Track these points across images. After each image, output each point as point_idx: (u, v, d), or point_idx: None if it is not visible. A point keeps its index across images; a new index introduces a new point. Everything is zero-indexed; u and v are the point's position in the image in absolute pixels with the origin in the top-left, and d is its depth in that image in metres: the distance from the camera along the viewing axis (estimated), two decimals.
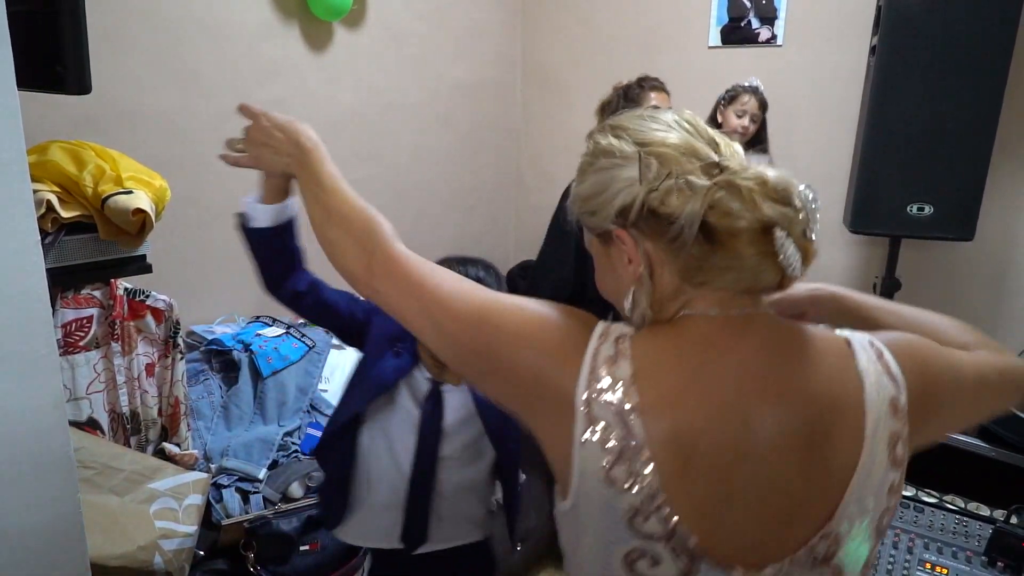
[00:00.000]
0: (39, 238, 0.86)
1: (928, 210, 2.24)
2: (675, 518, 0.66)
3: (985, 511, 1.44)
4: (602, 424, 0.66)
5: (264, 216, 1.18)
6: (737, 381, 0.69)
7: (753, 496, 0.68)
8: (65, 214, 1.48)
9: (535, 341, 0.71)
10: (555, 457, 0.71)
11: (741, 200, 0.68)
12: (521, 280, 3.18)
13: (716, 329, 0.70)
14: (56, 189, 1.49)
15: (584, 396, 0.67)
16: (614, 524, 0.67)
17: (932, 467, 2.11)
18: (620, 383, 0.67)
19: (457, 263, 1.28)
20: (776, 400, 0.69)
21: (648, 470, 0.65)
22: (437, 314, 0.77)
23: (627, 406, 0.66)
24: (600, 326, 0.73)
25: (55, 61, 0.96)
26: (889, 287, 2.47)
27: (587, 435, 0.67)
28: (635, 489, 0.65)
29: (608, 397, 0.67)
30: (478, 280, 1.20)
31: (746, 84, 2.54)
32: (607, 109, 2.27)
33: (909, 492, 1.50)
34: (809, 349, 0.72)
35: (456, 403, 1.37)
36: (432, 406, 1.35)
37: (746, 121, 2.52)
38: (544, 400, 0.70)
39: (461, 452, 1.39)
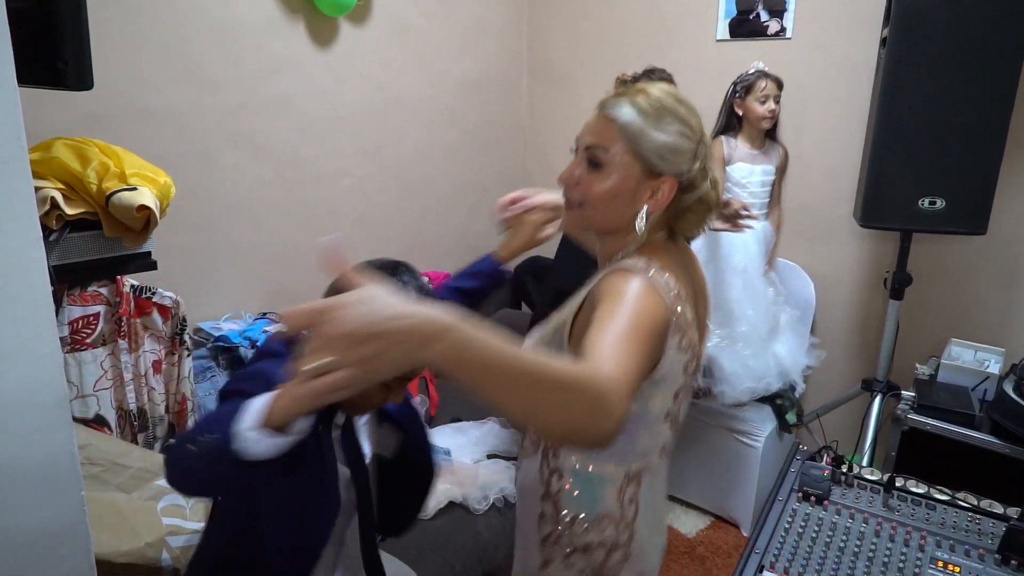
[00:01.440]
0: (41, 235, 0.85)
1: (940, 204, 2.21)
2: (698, 358, 1.11)
3: (999, 508, 1.42)
4: (677, 317, 1.02)
5: (269, 448, 0.87)
6: (697, 275, 1.17)
7: (704, 336, 1.18)
8: (70, 211, 1.48)
9: (657, 306, 0.98)
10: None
11: (716, 188, 1.11)
12: (530, 277, 3.16)
13: (675, 248, 1.13)
14: (60, 186, 1.49)
15: (671, 304, 1.01)
16: (677, 374, 1.05)
17: (944, 464, 2.09)
18: (673, 288, 1.03)
19: (388, 269, 1.14)
20: (703, 282, 1.20)
21: (694, 334, 1.07)
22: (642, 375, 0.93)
23: (682, 298, 1.04)
24: (642, 264, 1.03)
25: (56, 57, 0.96)
26: (900, 281, 2.45)
27: (674, 327, 1.01)
28: (689, 349, 1.05)
29: (675, 295, 1.02)
30: (418, 289, 1.15)
31: (752, 71, 2.51)
32: None
33: (921, 489, 1.48)
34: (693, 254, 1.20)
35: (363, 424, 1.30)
36: (354, 449, 1.24)
37: (772, 105, 2.49)
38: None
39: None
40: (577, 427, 0.71)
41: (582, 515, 1.14)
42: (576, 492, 1.14)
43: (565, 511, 1.14)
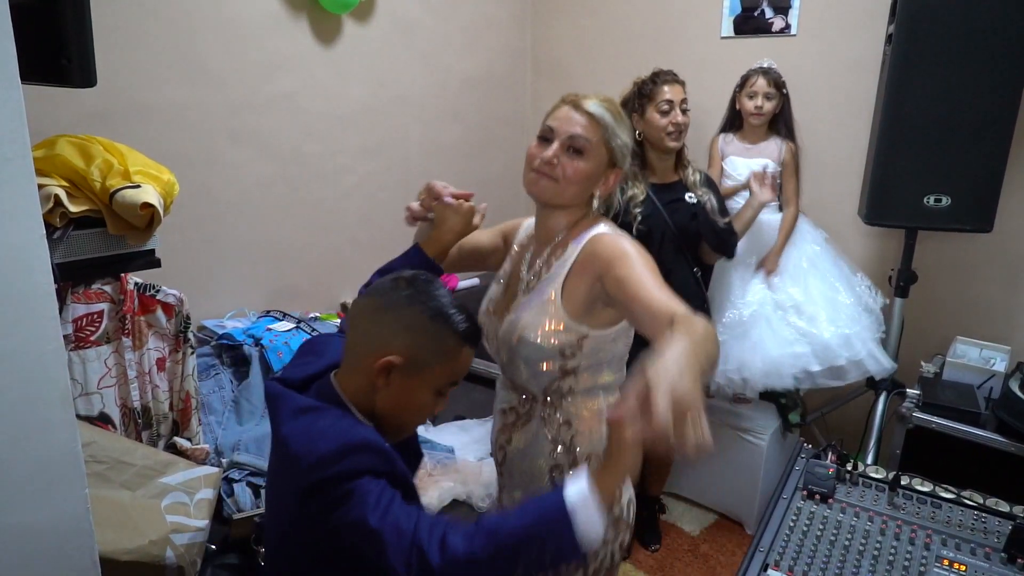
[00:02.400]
0: (44, 233, 0.85)
1: (945, 201, 2.20)
2: None
3: (1004, 507, 1.41)
4: None
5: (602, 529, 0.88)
6: None
7: None
8: (73, 208, 1.48)
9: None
10: None
11: None
12: None
13: None
14: (64, 183, 1.49)
15: None
16: None
17: (950, 462, 2.08)
18: None
19: (414, 284, 1.10)
20: None
21: None
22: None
23: None
24: (610, 227, 1.31)
25: (60, 54, 0.96)
26: (905, 279, 2.44)
27: None
28: None
29: None
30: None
31: (755, 66, 2.52)
32: (626, 105, 2.28)
33: (926, 488, 1.47)
34: None
35: None
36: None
37: (759, 101, 2.50)
38: None
39: None
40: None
41: (597, 451, 1.32)
42: (590, 432, 1.34)
43: (579, 451, 1.33)
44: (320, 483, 0.93)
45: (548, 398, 1.35)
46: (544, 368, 1.30)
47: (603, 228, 1.29)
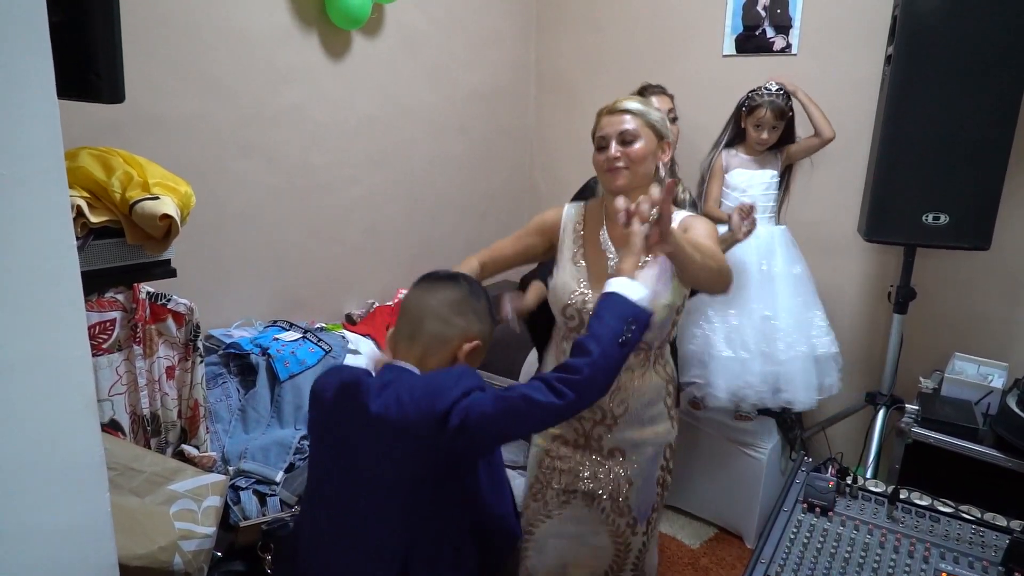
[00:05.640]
0: (75, 243, 0.88)
1: (944, 219, 2.23)
2: None
3: (1002, 521, 1.43)
4: None
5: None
6: None
7: None
8: (94, 219, 1.51)
9: None
10: None
11: None
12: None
13: None
14: (86, 195, 1.51)
15: None
16: None
17: (948, 477, 2.10)
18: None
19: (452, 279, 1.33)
20: None
21: None
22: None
23: None
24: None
25: (90, 70, 0.98)
26: (904, 295, 2.47)
27: None
28: None
29: None
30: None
31: (763, 92, 2.52)
32: None
33: (925, 501, 1.49)
34: None
35: None
36: None
37: (764, 135, 2.51)
38: None
39: None
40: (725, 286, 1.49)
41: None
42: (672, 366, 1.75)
43: (675, 378, 1.75)
44: (452, 405, 1.08)
45: (660, 346, 1.65)
46: (672, 322, 1.62)
47: (683, 212, 1.62)
